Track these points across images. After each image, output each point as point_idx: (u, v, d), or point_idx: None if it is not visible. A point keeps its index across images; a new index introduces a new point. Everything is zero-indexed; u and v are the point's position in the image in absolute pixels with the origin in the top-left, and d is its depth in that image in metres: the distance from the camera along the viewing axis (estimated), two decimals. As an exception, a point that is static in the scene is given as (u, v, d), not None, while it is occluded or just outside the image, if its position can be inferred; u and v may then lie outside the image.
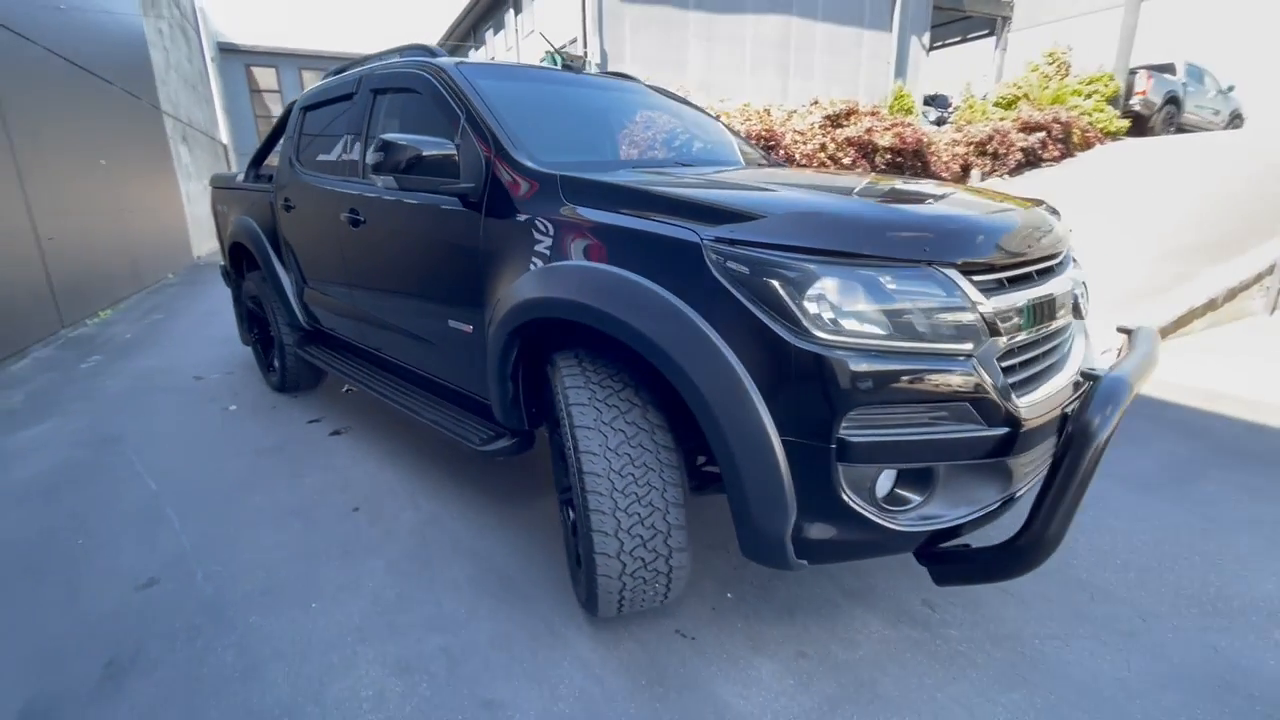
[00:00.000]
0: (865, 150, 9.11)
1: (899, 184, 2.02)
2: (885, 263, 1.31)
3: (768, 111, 8.98)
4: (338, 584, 2.00)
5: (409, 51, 2.62)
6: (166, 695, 1.59)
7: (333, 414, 3.48)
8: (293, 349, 3.49)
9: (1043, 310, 1.53)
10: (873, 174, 2.68)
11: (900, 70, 13.94)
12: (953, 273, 1.33)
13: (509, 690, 1.57)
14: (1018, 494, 1.48)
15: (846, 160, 8.67)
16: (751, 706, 1.51)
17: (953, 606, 1.84)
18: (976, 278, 1.38)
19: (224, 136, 16.96)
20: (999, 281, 1.43)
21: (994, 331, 1.37)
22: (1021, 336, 1.46)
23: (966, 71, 15.04)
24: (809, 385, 1.30)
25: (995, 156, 11.18)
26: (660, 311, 1.43)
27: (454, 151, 1.97)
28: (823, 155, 8.51)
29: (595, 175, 1.77)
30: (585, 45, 10.29)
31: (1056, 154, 11.66)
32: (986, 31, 16.69)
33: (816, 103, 9.92)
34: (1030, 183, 10.63)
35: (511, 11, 13.59)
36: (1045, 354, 1.59)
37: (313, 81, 21.68)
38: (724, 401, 1.35)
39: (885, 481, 1.42)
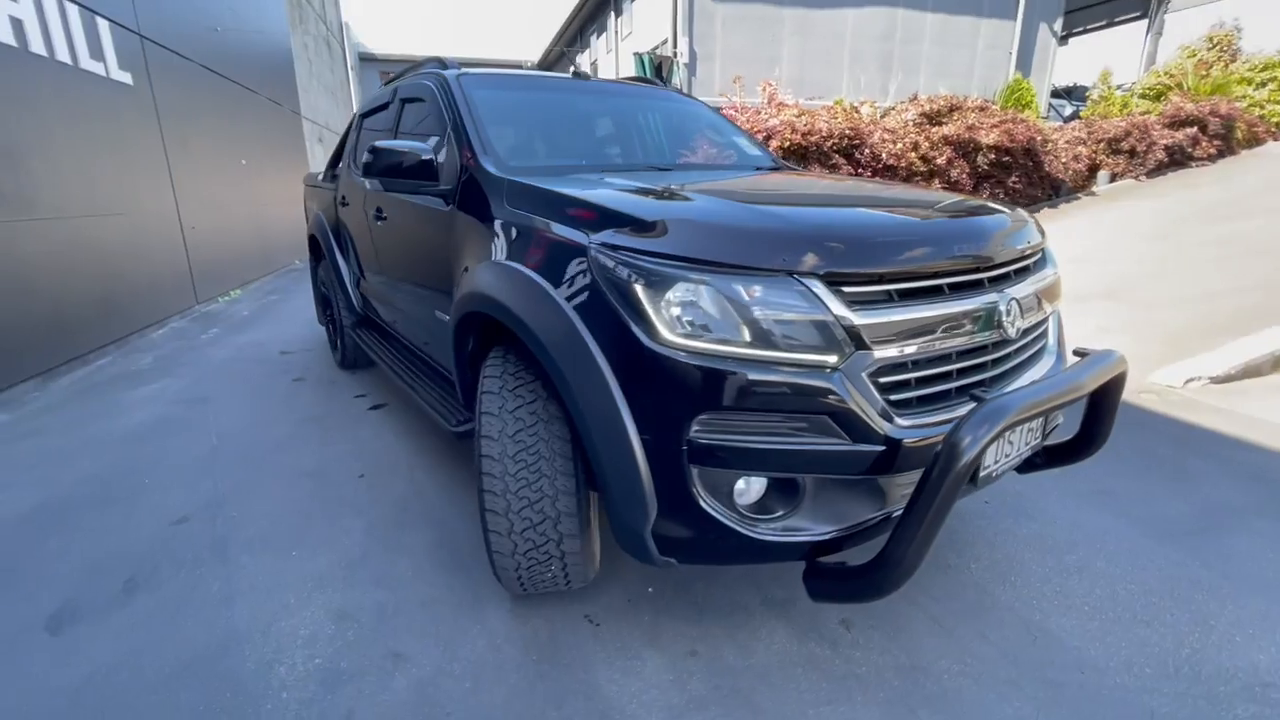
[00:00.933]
0: (965, 150, 8.48)
1: (855, 191, 1.96)
2: (743, 271, 1.32)
3: (855, 109, 8.60)
4: (319, 538, 2.28)
5: (428, 64, 2.86)
6: (160, 609, 1.91)
7: (379, 391, 3.86)
8: (349, 331, 3.91)
9: (957, 326, 1.45)
10: (876, 183, 2.56)
11: (1024, 61, 12.74)
12: (814, 283, 1.32)
13: (418, 647, 1.74)
14: (896, 513, 1.43)
15: (940, 160, 8.12)
16: (620, 693, 1.57)
17: (871, 630, 1.78)
18: (852, 288, 1.35)
19: (359, 137, 18.80)
20: (886, 294, 1.39)
21: (862, 345, 1.33)
22: (913, 350, 1.40)
23: (1114, 60, 13.45)
24: (662, 387, 1.34)
25: (1132, 154, 9.98)
26: (546, 309, 1.52)
27: (431, 156, 2.16)
28: (914, 156, 8.03)
29: (534, 180, 1.89)
30: (675, 45, 10.37)
31: (1211, 151, 10.19)
32: (1137, 13, 14.78)
33: (914, 98, 9.36)
34: (1167, 185, 9.37)
35: (612, 14, 13.99)
36: (966, 371, 1.51)
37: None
38: (589, 397, 1.42)
39: (751, 488, 1.42)
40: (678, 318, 1.33)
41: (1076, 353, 1.68)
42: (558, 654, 1.71)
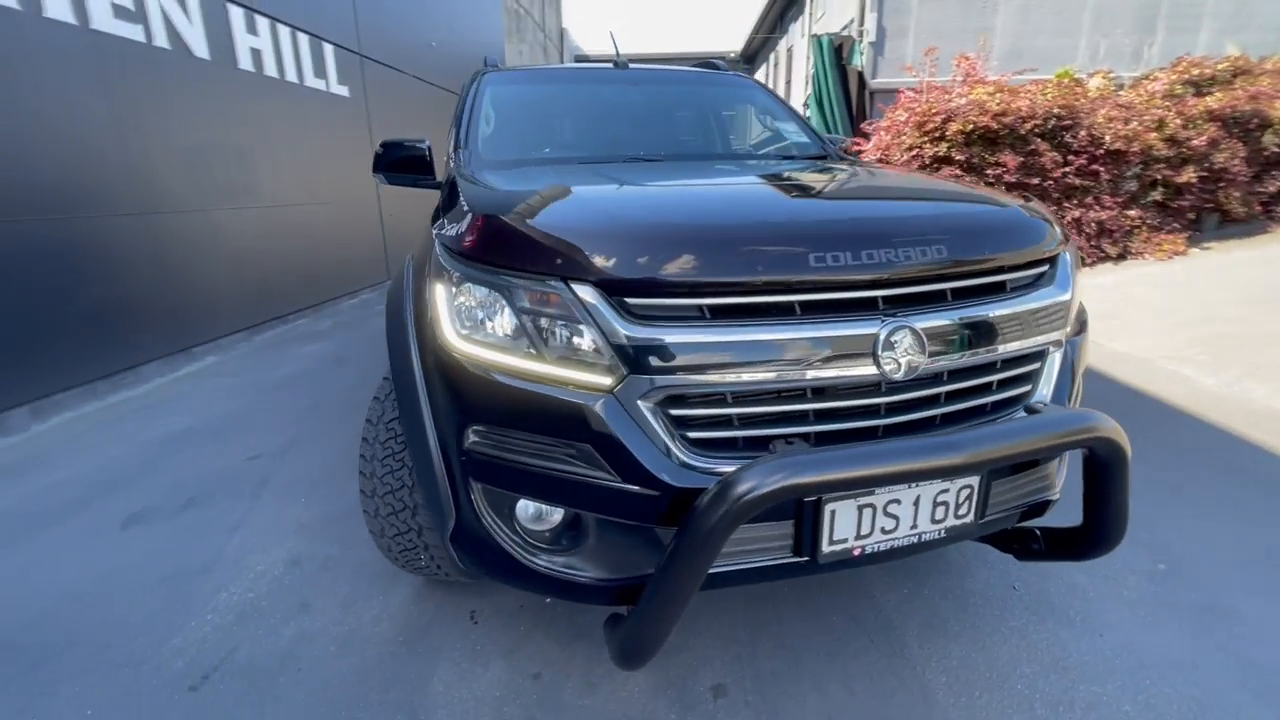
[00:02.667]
0: (1245, 127, 6.47)
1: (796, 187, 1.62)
2: (523, 275, 1.19)
3: (1078, 82, 7.03)
4: (328, 492, 2.59)
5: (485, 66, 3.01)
6: (189, 528, 2.35)
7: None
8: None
9: (803, 357, 1.15)
10: (889, 175, 2.08)
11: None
12: (588, 292, 1.13)
13: (325, 604, 1.90)
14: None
15: (1199, 142, 6.30)
16: (442, 695, 1.54)
17: (745, 706, 1.50)
18: (640, 300, 1.14)
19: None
20: (697, 309, 1.14)
21: (642, 368, 1.12)
22: (729, 381, 1.14)
23: None
24: (445, 390, 1.28)
25: None
26: (394, 299, 1.53)
27: (424, 151, 2.29)
28: (1154, 137, 6.35)
29: (482, 173, 1.89)
30: (861, 24, 9.44)
31: None
32: None
33: (1177, 63, 7.35)
34: None
35: (807, -1, 13.19)
36: (826, 415, 1.19)
37: None
38: (403, 393, 1.41)
39: (546, 515, 1.29)
40: (463, 319, 1.25)
41: (1027, 409, 1.21)
42: (421, 641, 1.74)
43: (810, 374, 1.16)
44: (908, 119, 7.20)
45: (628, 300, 1.14)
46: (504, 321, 1.20)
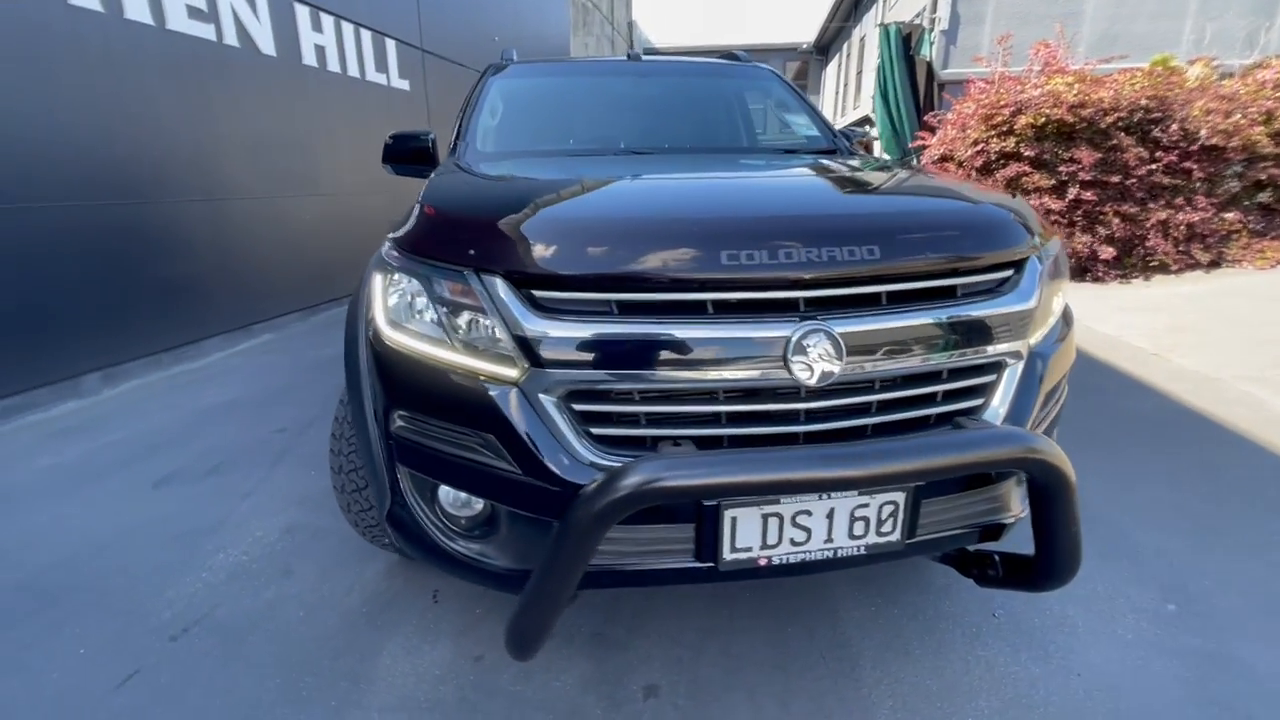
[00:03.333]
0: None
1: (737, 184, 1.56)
2: (442, 265, 1.21)
3: (1172, 70, 6.40)
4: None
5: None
6: (210, 491, 2.54)
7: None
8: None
9: (717, 358, 1.12)
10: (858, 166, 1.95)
11: None
12: (496, 282, 1.14)
13: (306, 570, 2.02)
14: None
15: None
16: (387, 668, 1.61)
17: (679, 697, 1.48)
18: (546, 293, 1.13)
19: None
20: (605, 304, 1.13)
21: (543, 363, 1.12)
22: (633, 379, 1.12)
23: None
24: (378, 376, 1.33)
25: None
26: (357, 292, 1.59)
27: (427, 143, 2.36)
28: (1258, 132, 5.71)
29: (466, 166, 1.93)
30: (934, 11, 8.91)
31: None
32: None
33: (1298, 49, 6.56)
34: None
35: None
36: (741, 419, 1.15)
37: None
38: (350, 377, 1.47)
39: (466, 501, 1.31)
40: (392, 306, 1.29)
41: (955, 424, 1.13)
42: (383, 614, 1.81)
43: (720, 376, 1.12)
44: (974, 111, 6.78)
45: (535, 294, 1.14)
46: (425, 311, 1.23)
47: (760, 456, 1.02)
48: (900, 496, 1.14)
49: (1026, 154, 6.29)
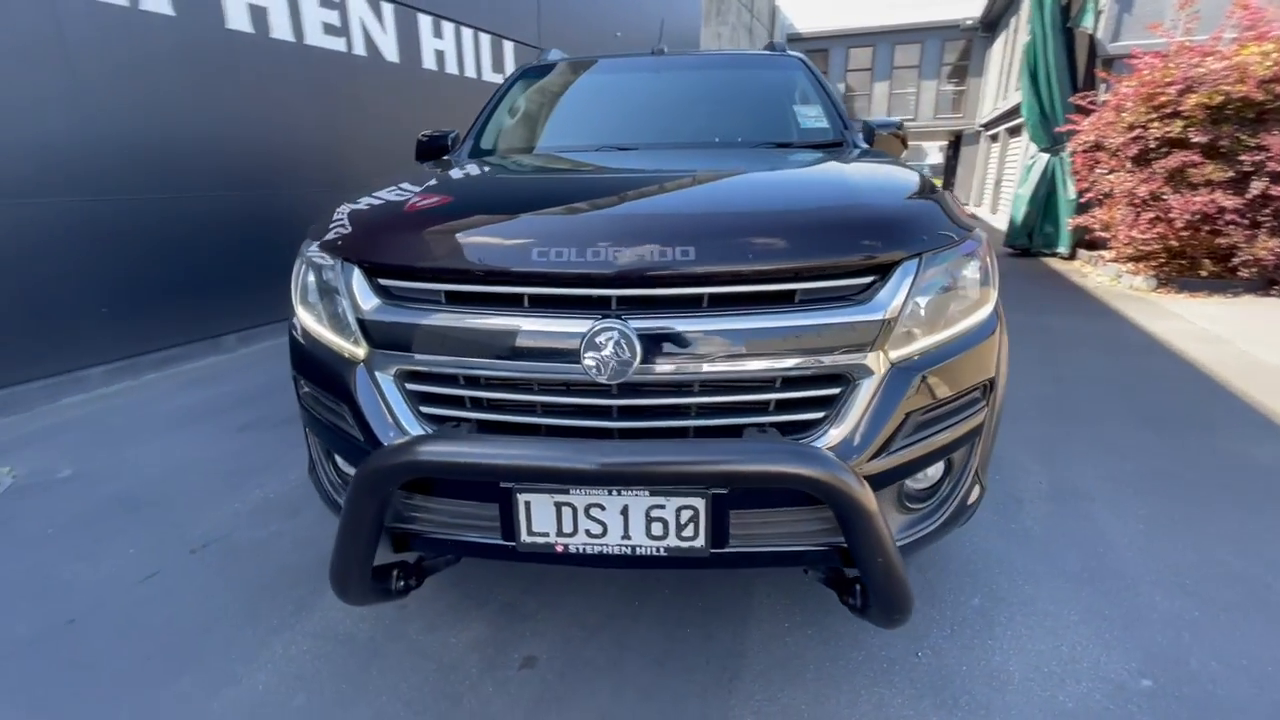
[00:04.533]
0: None
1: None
2: (324, 254, 1.38)
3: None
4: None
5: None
6: (280, 437, 3.01)
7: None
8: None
9: (526, 350, 1.18)
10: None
11: None
12: (354, 271, 1.29)
13: (311, 511, 2.34)
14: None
15: None
16: (332, 598, 1.84)
17: (550, 673, 1.55)
18: (389, 281, 1.26)
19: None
20: (435, 294, 1.24)
21: (381, 344, 1.25)
22: (459, 364, 1.22)
23: None
24: (290, 346, 1.54)
25: None
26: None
27: (449, 143, 2.58)
28: None
29: (453, 164, 2.11)
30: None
31: None
32: None
33: None
34: None
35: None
36: (555, 410, 1.21)
37: (859, 60, 22.15)
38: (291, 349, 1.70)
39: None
40: (299, 289, 1.48)
41: (752, 434, 1.07)
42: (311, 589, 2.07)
43: (530, 366, 1.18)
44: (1134, 91, 5.80)
45: (382, 282, 1.27)
46: (311, 293, 1.41)
47: (514, 442, 1.07)
48: (699, 502, 1.12)
49: (1196, 140, 5.28)
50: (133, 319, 3.89)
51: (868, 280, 1.19)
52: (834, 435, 1.17)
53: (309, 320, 1.42)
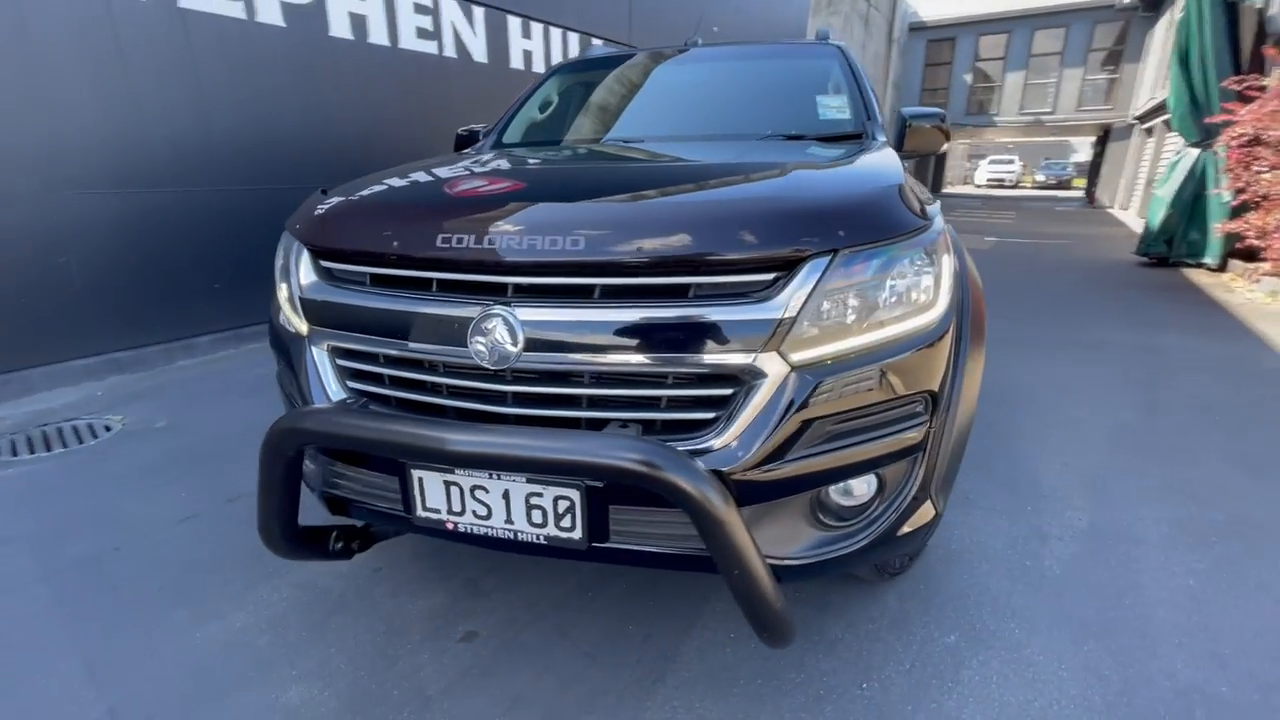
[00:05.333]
0: None
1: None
2: (290, 238, 1.50)
3: None
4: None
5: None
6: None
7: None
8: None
9: (428, 333, 1.23)
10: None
11: None
12: (304, 253, 1.40)
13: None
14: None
15: None
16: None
17: (484, 650, 1.61)
18: (329, 264, 1.35)
19: (885, 110, 18.86)
20: (361, 276, 1.32)
21: (315, 321, 1.35)
22: (373, 345, 1.29)
23: None
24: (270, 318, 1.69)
25: None
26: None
27: (477, 136, 2.70)
28: None
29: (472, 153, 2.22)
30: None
31: None
32: None
33: None
34: None
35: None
36: (461, 393, 1.26)
37: (990, 49, 20.37)
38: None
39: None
40: (277, 268, 1.61)
41: (615, 428, 1.05)
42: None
43: (432, 349, 1.22)
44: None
45: (323, 263, 1.37)
46: (279, 272, 1.54)
47: (386, 418, 1.12)
48: (574, 493, 1.12)
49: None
50: (239, 295, 4.41)
51: (770, 277, 1.12)
52: (724, 438, 1.12)
53: (279, 297, 1.56)
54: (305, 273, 1.39)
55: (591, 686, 1.52)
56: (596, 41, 7.17)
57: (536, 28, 6.36)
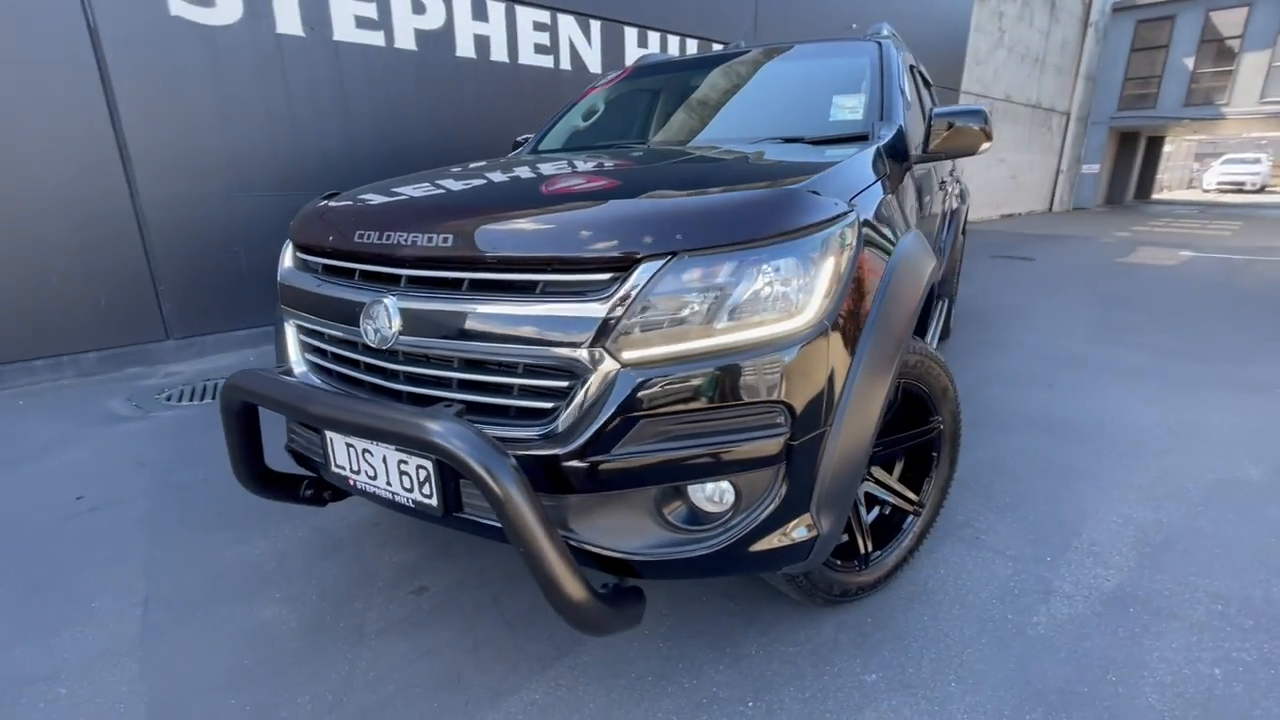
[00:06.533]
0: None
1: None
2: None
3: None
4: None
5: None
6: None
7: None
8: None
9: (341, 315, 1.44)
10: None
11: None
12: (288, 244, 1.68)
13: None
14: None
15: None
16: (327, 513, 2.35)
17: (433, 607, 1.80)
18: (303, 255, 1.62)
19: (1073, 105, 16.53)
20: (315, 265, 1.56)
21: (286, 303, 1.62)
22: (311, 322, 1.53)
23: None
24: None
25: None
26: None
27: (520, 138, 2.93)
28: None
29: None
30: None
31: None
32: None
33: None
34: None
35: None
36: (375, 370, 1.46)
37: (1224, 26, 17.08)
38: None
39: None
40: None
41: (443, 405, 1.15)
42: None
43: (343, 328, 1.43)
44: None
45: (299, 255, 1.64)
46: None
47: (288, 384, 1.33)
48: (428, 463, 1.25)
49: None
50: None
51: (605, 277, 1.16)
52: (553, 425, 1.19)
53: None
54: (286, 261, 1.69)
55: (498, 652, 1.64)
56: (717, 48, 7.20)
57: (654, 37, 6.56)
